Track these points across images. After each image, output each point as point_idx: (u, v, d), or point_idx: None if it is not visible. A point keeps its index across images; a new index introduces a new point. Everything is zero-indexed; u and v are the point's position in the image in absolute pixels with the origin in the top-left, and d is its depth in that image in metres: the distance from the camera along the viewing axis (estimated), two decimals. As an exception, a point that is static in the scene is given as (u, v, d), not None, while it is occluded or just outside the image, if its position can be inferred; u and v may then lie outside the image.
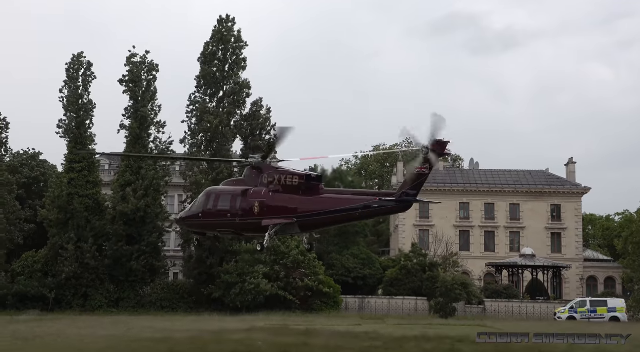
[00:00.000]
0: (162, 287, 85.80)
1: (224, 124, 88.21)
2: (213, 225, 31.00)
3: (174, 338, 36.49)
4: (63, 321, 63.51)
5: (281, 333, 41.72)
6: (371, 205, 28.74)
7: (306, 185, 28.93)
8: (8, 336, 47.56)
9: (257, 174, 29.96)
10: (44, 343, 38.33)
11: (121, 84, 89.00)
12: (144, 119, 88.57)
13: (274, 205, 29.00)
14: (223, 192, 30.74)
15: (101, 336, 41.47)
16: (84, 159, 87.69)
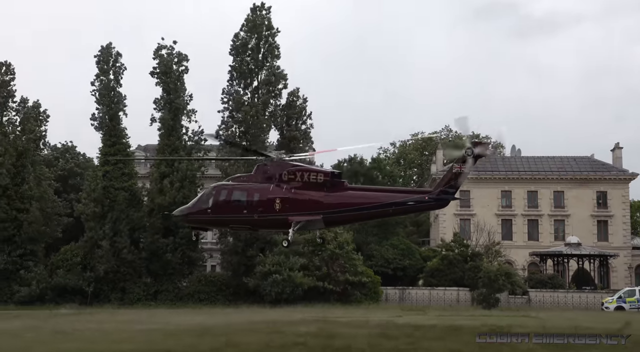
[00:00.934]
0: (199, 280, 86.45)
1: (260, 114, 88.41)
2: (225, 221, 31.66)
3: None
4: (107, 315, 64.39)
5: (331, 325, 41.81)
6: (407, 201, 29.18)
7: (331, 182, 29.54)
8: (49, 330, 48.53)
9: (274, 171, 30.34)
10: (97, 336, 38.45)
11: (152, 76, 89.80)
12: (177, 110, 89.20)
13: (299, 202, 29.46)
14: (236, 188, 30.89)
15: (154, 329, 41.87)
16: (119, 152, 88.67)
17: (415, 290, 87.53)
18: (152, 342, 34.22)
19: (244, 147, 35.28)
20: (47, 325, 51.32)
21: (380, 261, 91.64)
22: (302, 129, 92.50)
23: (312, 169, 30.98)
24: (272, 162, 30.73)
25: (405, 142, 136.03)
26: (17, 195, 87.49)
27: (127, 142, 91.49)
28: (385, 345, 31.88)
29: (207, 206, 31.16)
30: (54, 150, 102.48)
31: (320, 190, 29.32)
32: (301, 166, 30.86)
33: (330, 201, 29.21)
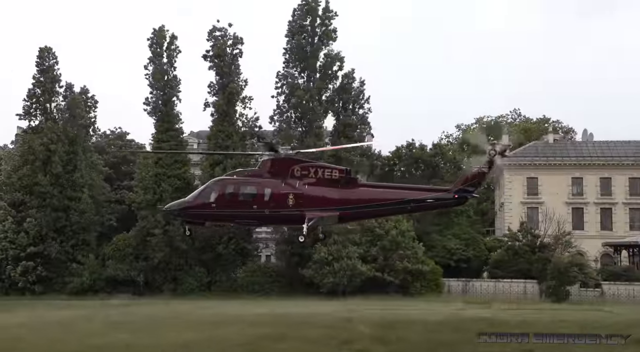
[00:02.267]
0: (253, 270, 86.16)
1: (314, 98, 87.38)
2: (232, 216, 31.92)
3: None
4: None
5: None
6: (426, 198, 30.30)
7: (346, 178, 30.33)
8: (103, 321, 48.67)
9: (283, 167, 30.77)
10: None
11: (205, 59, 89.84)
12: (231, 95, 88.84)
13: (314, 197, 30.18)
14: (244, 182, 31.25)
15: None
16: (172, 138, 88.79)
17: (480, 282, 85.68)
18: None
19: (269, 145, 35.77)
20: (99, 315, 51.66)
21: (442, 251, 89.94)
22: (359, 113, 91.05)
23: (326, 165, 31.54)
24: (280, 158, 31.14)
25: (470, 126, 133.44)
26: (68, 183, 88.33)
27: (180, 128, 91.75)
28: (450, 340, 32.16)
29: (211, 200, 31.36)
30: (103, 137, 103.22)
31: (334, 186, 30.07)
32: (314, 162, 31.56)
33: (347, 197, 29.99)
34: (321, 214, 30.04)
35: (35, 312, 62.24)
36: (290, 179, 30.47)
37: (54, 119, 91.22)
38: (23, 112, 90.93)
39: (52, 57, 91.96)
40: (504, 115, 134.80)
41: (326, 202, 30.07)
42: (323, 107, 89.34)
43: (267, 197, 30.38)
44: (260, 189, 30.63)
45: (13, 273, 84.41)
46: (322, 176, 30.24)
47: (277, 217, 31.12)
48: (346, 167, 31.56)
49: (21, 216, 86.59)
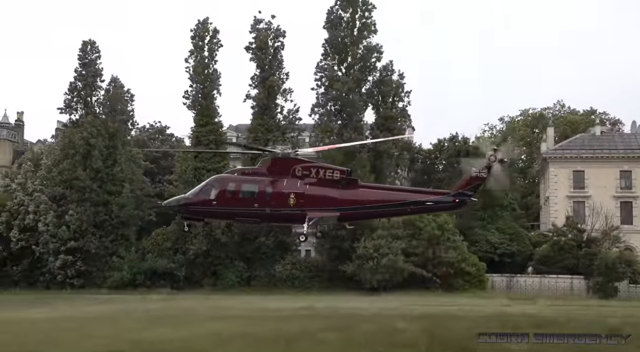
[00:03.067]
0: (293, 265, 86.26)
1: (353, 91, 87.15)
2: (233, 214, 32.68)
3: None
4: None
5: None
6: (425, 201, 31.09)
7: (346, 179, 31.13)
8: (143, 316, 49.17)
9: (285, 166, 31.50)
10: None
11: (247, 51, 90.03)
12: (272, 88, 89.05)
13: (316, 197, 30.90)
14: (246, 181, 31.94)
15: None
16: (211, 132, 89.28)
17: (524, 278, 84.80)
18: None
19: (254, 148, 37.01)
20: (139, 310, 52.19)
21: (485, 246, 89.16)
22: (399, 106, 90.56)
23: (327, 166, 32.22)
24: (281, 157, 31.80)
25: (514, 119, 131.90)
26: (108, 177, 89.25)
27: (219, 121, 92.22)
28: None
29: (211, 197, 31.98)
30: (143, 131, 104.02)
31: (335, 187, 30.87)
32: (315, 162, 32.20)
33: (347, 198, 30.84)
34: (322, 214, 30.80)
35: (75, 307, 63.21)
36: (292, 178, 31.16)
37: (94, 113, 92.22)
38: (64, 106, 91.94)
39: (94, 51, 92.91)
40: (549, 108, 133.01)
41: (327, 202, 30.78)
42: (362, 100, 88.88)
43: (268, 196, 31.05)
44: (262, 187, 31.27)
45: (53, 267, 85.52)
46: (323, 176, 30.94)
47: (277, 216, 31.78)
48: (347, 168, 32.34)
49: (62, 210, 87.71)
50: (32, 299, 72.23)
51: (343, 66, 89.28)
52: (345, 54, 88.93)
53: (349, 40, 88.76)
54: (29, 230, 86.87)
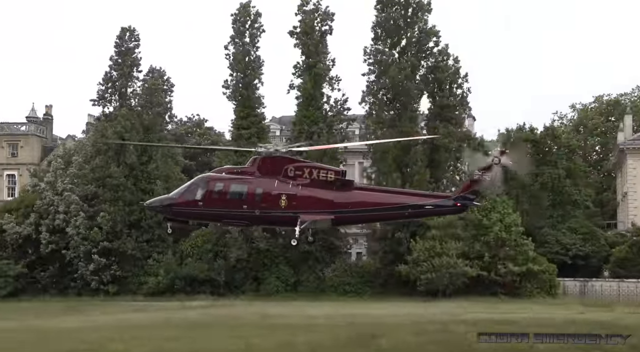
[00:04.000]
0: (344, 269, 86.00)
1: (409, 78, 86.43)
2: (220, 215, 32.83)
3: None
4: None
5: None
6: (424, 204, 31.49)
7: (341, 181, 31.35)
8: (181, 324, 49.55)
9: (276, 166, 31.76)
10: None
11: (291, 36, 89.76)
12: (318, 76, 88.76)
13: (308, 199, 31.13)
14: (235, 180, 32.09)
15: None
16: (253, 124, 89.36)
17: (600, 282, 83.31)
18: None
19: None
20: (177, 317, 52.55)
21: (555, 247, 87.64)
22: (457, 94, 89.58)
23: (321, 166, 32.64)
24: (272, 156, 32.02)
25: (587, 106, 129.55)
26: (143, 175, 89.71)
27: (262, 113, 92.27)
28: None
29: (197, 198, 32.11)
30: (180, 125, 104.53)
31: (329, 188, 31.06)
32: (309, 162, 32.80)
33: (342, 200, 31.11)
34: (314, 217, 31.08)
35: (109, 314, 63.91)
36: (283, 178, 31.38)
37: (129, 105, 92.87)
38: (97, 98, 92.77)
39: (133, 38, 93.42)
40: (626, 93, 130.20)
41: (320, 204, 31.03)
42: (418, 87, 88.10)
43: (258, 197, 31.27)
44: (251, 188, 31.44)
45: (85, 271, 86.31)
46: (316, 177, 31.16)
47: (268, 219, 32.12)
48: (342, 169, 32.62)
49: (94, 210, 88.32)
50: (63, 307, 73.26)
51: (396, 50, 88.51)
52: (398, 37, 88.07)
53: (403, 22, 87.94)
54: (59, 231, 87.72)
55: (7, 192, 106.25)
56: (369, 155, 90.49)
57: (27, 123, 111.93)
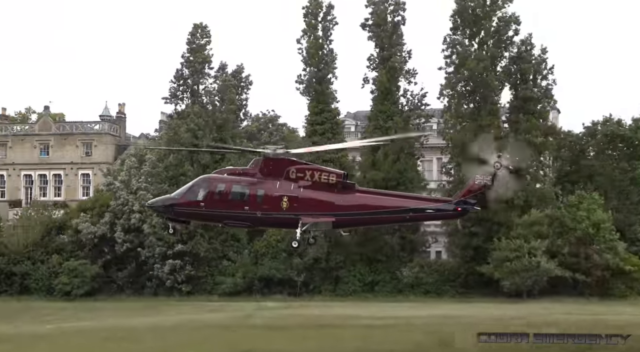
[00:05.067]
0: (422, 268, 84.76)
1: (488, 69, 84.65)
2: (221, 216, 33.24)
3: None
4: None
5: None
6: (425, 208, 31.97)
7: (343, 183, 31.87)
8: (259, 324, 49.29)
9: (278, 167, 32.25)
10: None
11: (363, 29, 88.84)
12: (393, 69, 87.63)
13: (310, 201, 31.63)
14: (236, 182, 32.60)
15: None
16: (327, 120, 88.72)
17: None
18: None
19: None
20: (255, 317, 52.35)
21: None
22: (541, 85, 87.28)
23: (323, 168, 33.27)
24: (274, 158, 32.46)
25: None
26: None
27: (336, 108, 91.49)
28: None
29: (199, 199, 32.72)
30: (254, 121, 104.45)
31: (331, 191, 31.69)
32: (311, 164, 33.34)
33: (343, 203, 31.71)
34: (316, 219, 31.65)
35: (186, 314, 64.18)
36: (285, 180, 31.96)
37: (201, 102, 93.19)
38: (169, 95, 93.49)
39: (204, 35, 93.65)
40: None
41: (322, 206, 31.60)
42: (498, 79, 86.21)
43: (260, 199, 31.84)
44: (253, 189, 32.04)
45: (161, 272, 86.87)
46: (318, 179, 31.75)
47: (269, 220, 32.72)
48: (344, 172, 33.15)
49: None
50: (141, 307, 73.91)
51: (475, 41, 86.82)
52: (477, 27, 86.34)
53: (482, 11, 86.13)
54: (134, 231, 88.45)
55: (81, 192, 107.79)
56: (447, 150, 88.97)
57: (100, 122, 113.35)
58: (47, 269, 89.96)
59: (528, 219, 79.50)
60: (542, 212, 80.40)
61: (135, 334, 47.97)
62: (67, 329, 52.22)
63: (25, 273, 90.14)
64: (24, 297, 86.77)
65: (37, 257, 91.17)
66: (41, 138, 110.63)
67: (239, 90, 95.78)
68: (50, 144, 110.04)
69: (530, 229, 79.06)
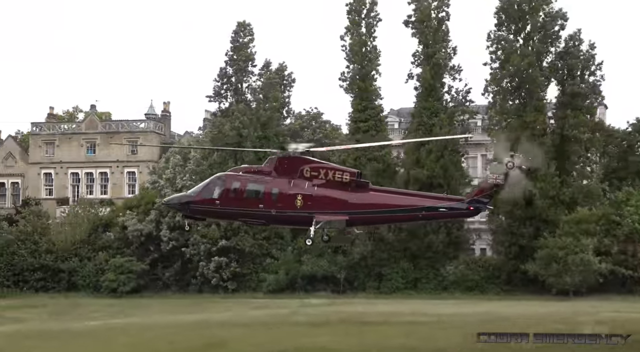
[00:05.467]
0: (467, 265, 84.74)
1: (534, 65, 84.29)
2: (236, 214, 33.78)
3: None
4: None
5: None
6: (438, 207, 32.05)
7: (356, 182, 32.06)
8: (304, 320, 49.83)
9: (294, 166, 32.55)
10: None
11: (406, 26, 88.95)
12: (438, 65, 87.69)
13: (324, 200, 31.99)
14: (251, 180, 32.98)
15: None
16: (371, 117, 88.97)
17: None
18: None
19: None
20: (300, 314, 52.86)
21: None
22: (589, 81, 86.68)
23: (337, 167, 33.54)
24: (289, 156, 32.76)
25: None
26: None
27: (379, 105, 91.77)
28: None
29: (215, 196, 33.09)
30: (297, 119, 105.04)
31: (344, 189, 31.92)
32: (325, 163, 33.50)
33: (357, 201, 31.94)
34: (330, 217, 31.93)
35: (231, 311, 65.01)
36: (299, 179, 32.23)
37: (245, 100, 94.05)
38: (213, 94, 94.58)
39: (247, 33, 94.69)
40: None
41: (335, 205, 31.93)
42: (544, 75, 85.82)
43: (274, 197, 32.22)
44: (268, 187, 32.36)
45: (206, 270, 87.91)
46: (332, 177, 32.03)
47: (283, 218, 32.93)
48: (357, 171, 33.34)
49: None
50: (187, 304, 74.92)
51: (520, 36, 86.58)
52: (523, 22, 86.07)
53: (527, 6, 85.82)
54: (179, 228, 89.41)
55: (127, 189, 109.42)
56: (492, 147, 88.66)
57: (145, 120, 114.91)
58: (94, 266, 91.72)
59: (575, 217, 79.09)
60: (590, 210, 79.96)
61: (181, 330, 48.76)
62: (115, 326, 53.20)
63: (72, 270, 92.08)
64: (71, 294, 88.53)
65: (84, 254, 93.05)
66: (88, 137, 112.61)
67: (281, 88, 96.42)
68: (97, 142, 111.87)
69: (577, 227, 78.65)
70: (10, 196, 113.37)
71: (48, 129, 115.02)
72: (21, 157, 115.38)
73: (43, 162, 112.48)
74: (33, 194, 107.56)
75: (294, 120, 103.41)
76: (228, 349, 38.52)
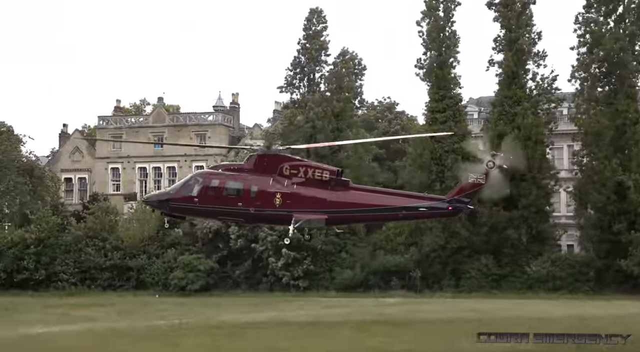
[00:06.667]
0: (553, 262, 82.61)
1: (626, 49, 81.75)
2: (214, 212, 34.58)
3: None
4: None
5: None
6: (418, 207, 32.92)
7: (336, 180, 32.73)
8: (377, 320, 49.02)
9: (272, 163, 33.24)
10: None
11: (489, 8, 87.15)
12: (521, 51, 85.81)
13: (302, 198, 32.63)
14: (230, 177, 33.68)
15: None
16: (449, 107, 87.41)
17: None
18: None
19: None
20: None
21: None
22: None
23: (317, 165, 34.17)
24: (269, 154, 33.63)
25: None
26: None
27: (458, 94, 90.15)
28: None
29: (193, 194, 33.79)
30: (370, 109, 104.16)
31: (324, 188, 32.64)
32: (304, 161, 34.78)
33: (336, 200, 32.64)
34: (309, 216, 32.68)
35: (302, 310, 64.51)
36: (279, 177, 33.02)
37: (318, 90, 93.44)
38: (285, 84, 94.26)
39: (321, 21, 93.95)
40: None
41: (315, 203, 32.66)
42: (637, 60, 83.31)
43: (253, 195, 32.94)
44: (246, 185, 33.17)
45: (275, 266, 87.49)
46: (312, 176, 32.76)
47: (262, 217, 33.88)
48: (338, 168, 34.02)
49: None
50: (257, 302, 74.72)
51: (611, 18, 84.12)
52: (614, 3, 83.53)
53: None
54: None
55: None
56: (579, 137, 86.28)
57: (214, 112, 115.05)
58: (162, 263, 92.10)
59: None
60: None
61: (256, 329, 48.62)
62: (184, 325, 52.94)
63: (141, 267, 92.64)
64: (139, 292, 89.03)
65: (152, 251, 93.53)
66: (155, 130, 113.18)
67: (353, 78, 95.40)
68: (164, 135, 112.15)
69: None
70: (77, 192, 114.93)
71: (115, 123, 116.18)
72: (88, 151, 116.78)
73: (110, 157, 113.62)
74: (100, 190, 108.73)
75: (367, 111, 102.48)
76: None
